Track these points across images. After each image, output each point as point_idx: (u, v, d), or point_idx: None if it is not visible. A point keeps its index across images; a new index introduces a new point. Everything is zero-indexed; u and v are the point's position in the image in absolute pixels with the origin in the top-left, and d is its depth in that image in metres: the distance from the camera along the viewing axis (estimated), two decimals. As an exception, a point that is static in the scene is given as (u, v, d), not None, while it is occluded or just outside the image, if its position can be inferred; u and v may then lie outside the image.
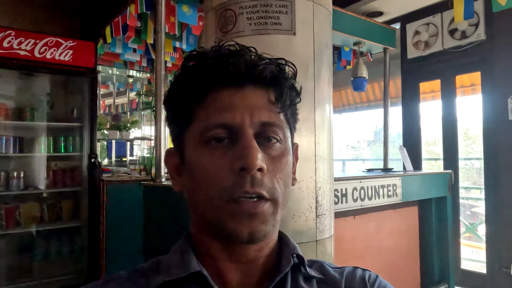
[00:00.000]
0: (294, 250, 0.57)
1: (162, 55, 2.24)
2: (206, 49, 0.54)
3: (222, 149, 0.51)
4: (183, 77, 0.54)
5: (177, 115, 0.56)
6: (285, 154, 0.54)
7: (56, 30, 3.38)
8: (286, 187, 0.54)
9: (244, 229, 0.49)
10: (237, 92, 0.52)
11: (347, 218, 2.58)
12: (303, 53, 1.36)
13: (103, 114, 4.43)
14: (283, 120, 0.55)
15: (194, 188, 0.53)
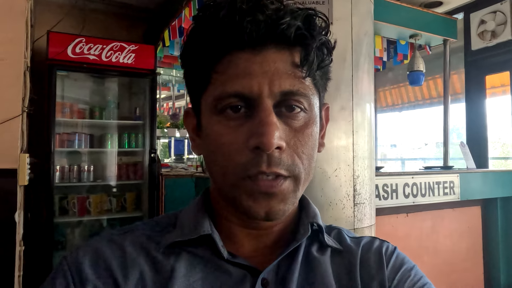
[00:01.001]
0: (314, 219, 0.54)
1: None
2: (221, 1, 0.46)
3: (238, 120, 0.46)
4: (195, 35, 0.48)
5: (192, 77, 0.51)
6: (310, 124, 0.48)
7: (122, 35, 3.69)
8: (310, 160, 0.48)
9: (260, 208, 0.45)
10: (256, 55, 0.45)
11: (399, 215, 2.50)
12: (341, 42, 1.37)
13: (166, 114, 4.72)
14: (309, 85, 0.47)
15: (209, 158, 0.49)
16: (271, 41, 0.45)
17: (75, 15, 3.21)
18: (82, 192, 3.18)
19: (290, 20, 0.45)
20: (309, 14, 0.47)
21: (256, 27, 0.44)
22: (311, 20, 0.47)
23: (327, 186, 1.34)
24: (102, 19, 3.62)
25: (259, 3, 0.45)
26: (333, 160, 1.34)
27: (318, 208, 1.26)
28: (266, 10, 0.44)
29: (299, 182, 0.47)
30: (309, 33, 0.46)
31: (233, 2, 0.44)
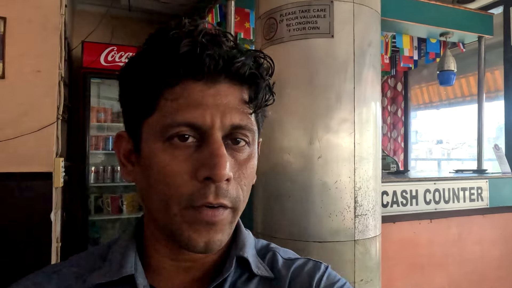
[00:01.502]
0: (241, 251, 0.53)
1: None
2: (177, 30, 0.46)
3: (185, 149, 0.45)
4: (148, 59, 0.47)
5: (135, 99, 0.49)
6: (252, 157, 0.49)
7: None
8: (248, 192, 0.50)
9: (200, 239, 0.45)
10: (210, 88, 0.46)
11: (422, 221, 2.44)
12: (342, 55, 1.38)
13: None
14: (253, 121, 0.49)
15: (148, 186, 0.48)
16: (225, 76, 0.46)
17: (107, 24, 3.39)
18: (115, 192, 3.37)
19: (244, 59, 0.46)
20: (258, 55, 0.49)
21: (214, 62, 0.45)
22: (260, 61, 0.49)
23: (327, 197, 1.35)
24: (132, 27, 3.79)
25: (216, 39, 0.46)
26: (333, 172, 1.36)
27: (317, 219, 1.29)
28: (223, 46, 0.45)
29: (237, 213, 0.48)
30: (259, 73, 0.48)
31: (192, 34, 0.45)
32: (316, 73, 1.38)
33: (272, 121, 1.48)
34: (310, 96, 1.39)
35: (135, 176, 0.51)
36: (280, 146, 1.43)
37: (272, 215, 1.46)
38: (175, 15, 3.78)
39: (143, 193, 0.50)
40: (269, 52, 1.48)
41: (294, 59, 1.42)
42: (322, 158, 1.36)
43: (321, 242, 1.35)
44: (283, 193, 1.41)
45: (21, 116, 2.23)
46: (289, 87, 1.42)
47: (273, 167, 1.46)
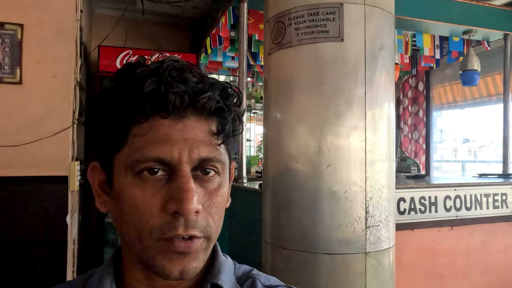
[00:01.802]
0: (215, 278, 0.54)
1: (244, 63, 2.39)
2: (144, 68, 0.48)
3: (155, 183, 0.47)
4: (116, 96, 0.48)
5: (106, 134, 0.50)
6: (222, 186, 0.51)
7: (170, 45, 3.86)
8: (220, 218, 0.51)
9: (175, 267, 0.47)
10: (177, 123, 0.47)
11: (442, 228, 2.35)
12: (352, 59, 1.33)
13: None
14: (223, 151, 0.51)
15: (121, 218, 0.49)
16: (192, 111, 0.48)
17: (123, 28, 3.42)
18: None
19: (210, 94, 0.48)
20: (225, 87, 0.50)
21: (180, 99, 0.46)
22: (227, 93, 0.50)
23: (336, 208, 1.30)
24: (147, 30, 3.82)
25: (182, 75, 0.47)
26: (343, 181, 1.31)
27: (325, 231, 1.24)
28: (189, 82, 0.47)
29: (211, 241, 0.50)
30: (226, 106, 0.49)
31: (157, 71, 0.46)
32: (325, 78, 1.33)
33: (280, 126, 1.44)
34: (319, 102, 1.34)
35: (109, 206, 0.52)
36: (288, 152, 1.39)
37: (280, 224, 1.42)
38: (188, 18, 3.79)
39: (118, 224, 0.51)
40: (277, 56, 1.44)
41: (302, 63, 1.37)
42: (332, 166, 1.31)
43: (330, 254, 1.30)
44: (291, 201, 1.37)
45: (38, 121, 2.27)
46: (297, 92, 1.38)
47: (281, 173, 1.42)
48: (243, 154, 2.42)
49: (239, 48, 2.41)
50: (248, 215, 2.15)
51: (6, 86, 2.30)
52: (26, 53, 2.36)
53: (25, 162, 2.23)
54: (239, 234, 2.34)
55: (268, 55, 1.51)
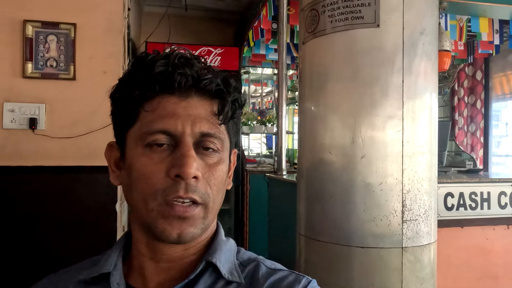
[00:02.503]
0: (211, 256, 0.56)
1: (283, 54, 2.37)
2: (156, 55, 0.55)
3: (161, 153, 0.52)
4: (131, 78, 0.55)
5: (121, 113, 0.57)
6: (221, 162, 0.56)
7: (214, 39, 3.93)
8: (218, 192, 0.55)
9: (173, 230, 0.51)
10: (182, 101, 0.53)
11: (497, 227, 2.19)
12: (388, 45, 1.27)
13: (252, 111, 4.89)
14: (223, 131, 0.56)
15: (130, 186, 0.55)
16: (196, 91, 0.54)
17: (170, 24, 3.53)
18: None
19: (212, 78, 0.54)
20: (227, 75, 0.57)
21: (184, 79, 0.53)
22: (228, 80, 0.56)
23: (370, 200, 1.26)
24: (191, 25, 3.91)
25: (188, 61, 0.54)
26: (378, 172, 1.26)
27: (359, 223, 1.22)
28: (194, 67, 0.53)
29: (208, 209, 0.54)
30: (226, 89, 0.55)
31: (168, 57, 0.53)
32: (360, 66, 1.28)
33: (314, 116, 1.42)
34: (353, 91, 1.30)
35: (122, 180, 0.58)
36: (321, 143, 1.36)
37: (313, 216, 1.40)
38: (230, 12, 3.82)
39: (127, 194, 0.57)
40: (311, 45, 1.41)
41: (336, 51, 1.33)
42: (366, 157, 1.27)
43: (364, 248, 1.26)
44: (325, 193, 1.34)
45: (91, 114, 2.41)
46: (331, 81, 1.35)
47: (314, 165, 1.40)
48: (282, 146, 2.41)
49: (279, 39, 2.39)
50: (286, 207, 2.14)
51: (61, 82, 2.48)
52: (79, 50, 2.51)
53: (79, 153, 2.39)
54: (278, 226, 2.34)
55: (302, 45, 1.49)
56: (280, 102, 2.40)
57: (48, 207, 2.38)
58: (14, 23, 2.45)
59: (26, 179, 2.44)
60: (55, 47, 2.53)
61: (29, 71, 2.47)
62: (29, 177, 2.44)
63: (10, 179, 2.47)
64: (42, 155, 2.47)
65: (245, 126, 3.97)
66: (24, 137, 2.49)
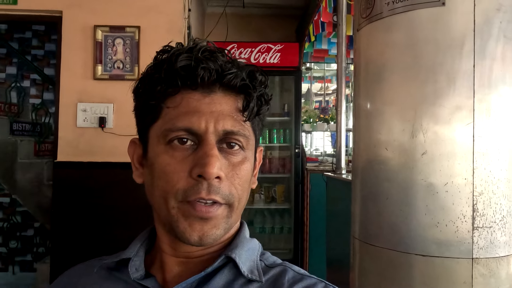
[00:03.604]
0: (230, 251, 0.55)
1: (343, 47, 2.24)
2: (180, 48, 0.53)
3: (184, 151, 0.51)
4: (153, 73, 0.54)
5: (144, 109, 0.56)
6: (245, 160, 0.54)
7: (275, 36, 3.88)
8: (243, 192, 0.54)
9: (194, 232, 0.50)
10: (205, 97, 0.52)
11: None
12: (456, 26, 1.11)
13: (314, 109, 4.75)
14: (248, 127, 0.54)
15: (151, 184, 0.54)
16: (219, 86, 0.52)
17: (228, 22, 3.56)
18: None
19: (237, 72, 0.52)
20: (253, 69, 0.54)
21: (208, 74, 0.51)
22: (254, 74, 0.54)
23: (433, 202, 1.11)
24: (256, 23, 3.91)
25: (212, 54, 0.51)
26: (442, 171, 1.10)
27: (420, 228, 1.09)
28: (218, 60, 0.51)
29: (233, 209, 0.53)
30: (251, 84, 0.53)
31: (191, 50, 0.52)
32: (420, 52, 1.14)
33: (368, 109, 1.30)
34: (413, 79, 1.15)
35: (144, 177, 0.58)
36: (377, 138, 1.24)
37: (368, 219, 1.28)
38: (289, 7, 3.74)
39: (149, 192, 0.56)
40: (366, 31, 1.30)
41: (394, 37, 1.20)
42: (428, 154, 1.12)
43: (425, 256, 1.12)
44: (380, 193, 1.22)
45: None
46: (388, 71, 1.22)
47: (369, 162, 1.28)
48: (341, 144, 2.28)
49: (338, 31, 2.27)
50: (344, 208, 2.02)
51: (127, 82, 2.62)
52: (143, 52, 2.63)
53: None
54: (336, 228, 2.22)
55: (357, 32, 1.37)
56: (339, 98, 2.27)
57: (116, 199, 2.53)
58: (86, 29, 2.65)
59: (97, 173, 2.62)
60: (122, 49, 2.67)
61: (99, 73, 2.65)
62: (99, 172, 2.62)
63: (83, 174, 2.67)
64: (110, 152, 2.63)
65: (307, 124, 3.87)
66: (94, 134, 2.67)
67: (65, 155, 2.66)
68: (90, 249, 2.58)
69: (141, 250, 0.60)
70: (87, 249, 2.56)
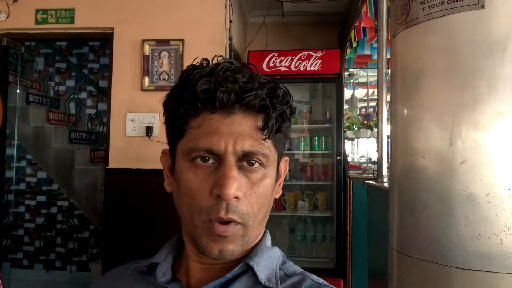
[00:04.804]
0: (250, 259, 0.58)
1: (383, 52, 2.20)
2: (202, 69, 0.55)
3: (206, 169, 0.54)
4: (178, 92, 0.57)
5: (171, 125, 0.60)
6: (265, 177, 0.56)
7: (318, 42, 3.88)
8: (261, 209, 0.56)
9: (215, 247, 0.54)
10: (225, 118, 0.54)
11: None
12: (497, 29, 1.06)
13: (358, 116, 4.64)
14: (268, 145, 0.56)
15: (179, 197, 0.58)
16: (239, 107, 0.54)
17: (269, 32, 3.61)
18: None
19: (257, 91, 0.53)
20: (273, 86, 0.56)
21: (227, 96, 0.53)
22: (274, 91, 0.55)
23: (474, 214, 1.06)
24: (297, 30, 3.92)
25: (233, 75, 0.53)
26: (483, 181, 1.05)
27: (459, 241, 1.06)
28: (237, 81, 0.53)
29: (248, 228, 0.55)
30: (271, 103, 0.54)
31: (212, 72, 0.54)
32: (459, 56, 1.10)
33: (405, 116, 1.27)
34: (451, 86, 1.12)
35: (172, 187, 0.61)
36: (413, 146, 1.20)
37: (405, 229, 1.25)
38: (330, 14, 3.71)
39: (177, 203, 0.59)
40: (402, 37, 1.28)
41: (430, 42, 1.17)
42: (467, 163, 1.07)
43: (465, 270, 1.07)
44: (417, 203, 1.18)
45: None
46: (425, 76, 1.18)
47: (406, 171, 1.24)
48: (383, 151, 2.22)
49: (378, 35, 2.23)
50: (385, 216, 1.97)
51: (172, 93, 2.75)
52: (187, 63, 2.73)
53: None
54: (377, 238, 2.16)
55: (393, 38, 1.35)
56: (380, 104, 2.22)
57: (161, 204, 2.63)
58: (134, 43, 2.81)
59: (144, 179, 2.76)
60: (167, 61, 2.81)
61: (146, 84, 2.80)
62: (146, 178, 2.75)
63: (132, 180, 2.82)
64: (156, 159, 2.74)
65: (349, 130, 3.80)
66: (142, 143, 2.82)
67: (116, 162, 2.83)
68: (137, 251, 2.72)
69: (169, 255, 0.64)
70: (134, 251, 2.70)
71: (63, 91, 4.59)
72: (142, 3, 2.81)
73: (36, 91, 4.28)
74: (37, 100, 4.09)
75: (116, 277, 0.68)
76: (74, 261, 4.30)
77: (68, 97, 4.48)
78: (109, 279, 0.69)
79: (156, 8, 2.81)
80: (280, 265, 0.62)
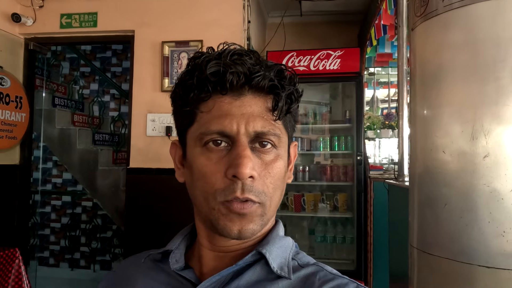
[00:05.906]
0: (261, 247, 0.57)
1: (403, 49, 2.16)
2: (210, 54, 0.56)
3: (218, 153, 0.54)
4: (186, 80, 0.57)
5: (180, 113, 0.60)
6: (278, 158, 0.56)
7: (337, 41, 3.85)
8: (275, 189, 0.56)
9: (234, 226, 0.53)
10: (236, 100, 0.54)
11: None
12: (520, 18, 1.02)
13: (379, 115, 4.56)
14: (279, 126, 0.56)
15: (192, 184, 0.58)
16: (248, 89, 0.55)
17: (287, 32, 3.60)
18: (298, 191, 3.54)
19: (265, 73, 0.54)
20: (280, 68, 0.56)
21: (236, 78, 0.53)
22: (282, 73, 0.56)
23: (498, 209, 1.02)
24: (316, 30, 3.90)
25: (240, 58, 0.54)
26: (508, 176, 1.01)
27: (482, 238, 1.02)
28: (245, 63, 0.53)
29: (265, 208, 0.55)
30: (279, 84, 0.54)
31: (220, 56, 0.55)
32: (480, 48, 1.07)
33: (425, 113, 1.24)
34: (471, 79, 1.08)
35: (185, 176, 0.62)
36: (433, 141, 1.17)
37: (425, 226, 1.21)
38: (349, 12, 3.67)
39: (190, 191, 0.59)
40: (421, 30, 1.25)
41: (450, 34, 1.14)
42: (490, 157, 1.03)
43: (489, 268, 1.03)
44: (437, 199, 1.15)
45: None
46: (444, 70, 1.15)
47: (426, 167, 1.21)
48: (403, 151, 2.18)
49: (398, 32, 2.19)
50: (405, 216, 1.92)
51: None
52: (205, 64, 2.78)
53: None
54: (398, 237, 2.11)
55: (411, 31, 1.32)
56: (401, 102, 2.18)
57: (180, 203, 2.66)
58: (154, 45, 2.86)
59: (164, 179, 2.80)
60: (186, 62, 2.84)
61: (166, 85, 2.84)
62: (166, 178, 2.79)
63: (152, 179, 2.86)
64: (176, 159, 2.79)
65: (370, 130, 3.74)
66: (162, 143, 2.86)
67: (137, 162, 2.88)
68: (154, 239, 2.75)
69: (182, 243, 0.64)
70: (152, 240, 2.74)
71: (87, 94, 4.72)
72: (161, 5, 2.86)
73: (62, 94, 4.42)
74: (62, 103, 4.22)
75: (129, 265, 0.69)
76: (98, 260, 4.40)
77: (92, 100, 4.60)
78: (123, 267, 0.70)
79: (175, 10, 2.85)
80: (293, 255, 0.61)
